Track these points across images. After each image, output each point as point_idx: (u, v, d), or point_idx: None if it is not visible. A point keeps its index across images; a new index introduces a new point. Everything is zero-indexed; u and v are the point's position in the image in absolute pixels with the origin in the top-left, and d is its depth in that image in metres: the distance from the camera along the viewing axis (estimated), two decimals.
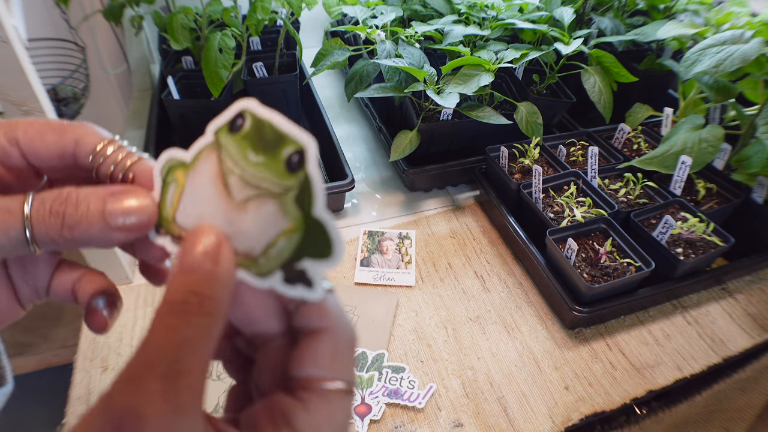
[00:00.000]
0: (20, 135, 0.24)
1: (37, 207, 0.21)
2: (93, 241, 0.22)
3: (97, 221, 0.22)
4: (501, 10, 0.94)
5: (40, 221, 0.21)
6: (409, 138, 0.80)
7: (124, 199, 0.22)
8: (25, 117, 0.58)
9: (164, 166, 0.23)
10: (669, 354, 0.65)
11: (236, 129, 0.22)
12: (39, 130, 0.24)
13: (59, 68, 1.14)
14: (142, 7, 0.97)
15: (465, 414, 0.58)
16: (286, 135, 0.21)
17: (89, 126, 0.25)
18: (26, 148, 0.24)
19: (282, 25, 0.96)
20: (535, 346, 0.65)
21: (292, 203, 0.21)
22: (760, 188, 0.73)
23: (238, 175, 0.21)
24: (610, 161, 0.85)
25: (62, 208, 0.21)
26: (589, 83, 0.85)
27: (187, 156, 0.23)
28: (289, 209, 0.21)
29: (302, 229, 0.21)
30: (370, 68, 0.86)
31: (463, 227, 0.83)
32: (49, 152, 0.24)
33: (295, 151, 0.21)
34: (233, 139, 0.22)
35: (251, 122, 0.21)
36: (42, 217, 0.21)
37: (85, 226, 0.22)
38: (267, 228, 0.21)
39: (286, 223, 0.21)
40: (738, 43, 0.69)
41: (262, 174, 0.21)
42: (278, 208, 0.21)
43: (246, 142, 0.21)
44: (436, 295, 0.71)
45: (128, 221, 0.22)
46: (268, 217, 0.21)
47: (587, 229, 0.70)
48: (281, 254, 0.21)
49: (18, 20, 0.58)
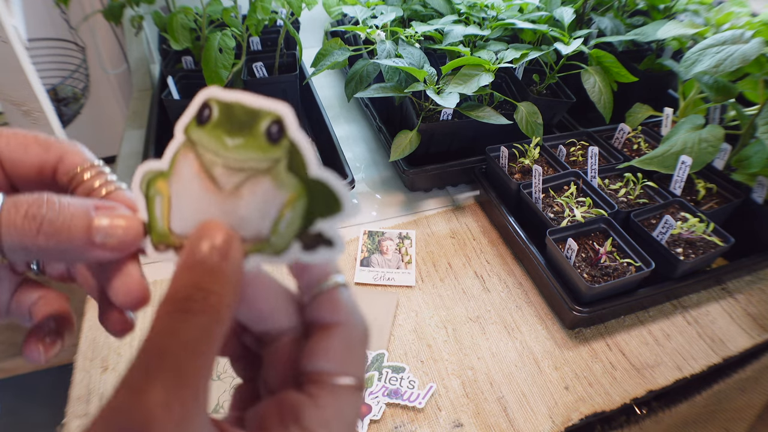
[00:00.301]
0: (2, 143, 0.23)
1: (9, 208, 0.19)
2: (69, 254, 0.20)
3: (81, 233, 0.20)
4: (501, 10, 0.94)
5: (11, 224, 0.19)
6: (409, 138, 0.80)
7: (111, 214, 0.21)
8: (25, 117, 0.58)
9: (142, 180, 0.22)
10: (669, 354, 0.65)
11: (205, 120, 0.21)
12: (23, 141, 0.23)
13: (59, 68, 1.15)
14: (142, 7, 0.97)
15: (465, 414, 0.58)
16: (258, 110, 0.20)
17: (77, 145, 0.24)
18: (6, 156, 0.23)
19: (282, 25, 0.96)
20: (535, 346, 0.65)
21: (285, 173, 0.20)
22: (760, 188, 0.73)
23: (221, 165, 0.20)
24: (610, 161, 0.85)
25: (41, 212, 0.20)
26: (589, 83, 0.85)
27: (162, 164, 0.22)
28: (284, 179, 0.20)
29: (304, 194, 0.20)
30: (370, 68, 0.86)
31: (463, 227, 0.83)
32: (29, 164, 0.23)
33: (272, 122, 0.20)
34: (205, 131, 0.21)
35: (218, 109, 0.21)
36: (13, 220, 0.19)
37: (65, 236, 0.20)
38: (267, 206, 0.20)
39: (286, 194, 0.20)
40: (738, 43, 0.69)
41: (245, 155, 0.20)
42: (272, 183, 0.20)
43: (219, 130, 0.20)
44: (436, 295, 0.71)
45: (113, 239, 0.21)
46: (266, 195, 0.20)
47: (587, 229, 0.70)
48: (292, 225, 0.20)
49: (18, 20, 0.58)
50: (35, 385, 1.16)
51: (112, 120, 1.49)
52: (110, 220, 0.21)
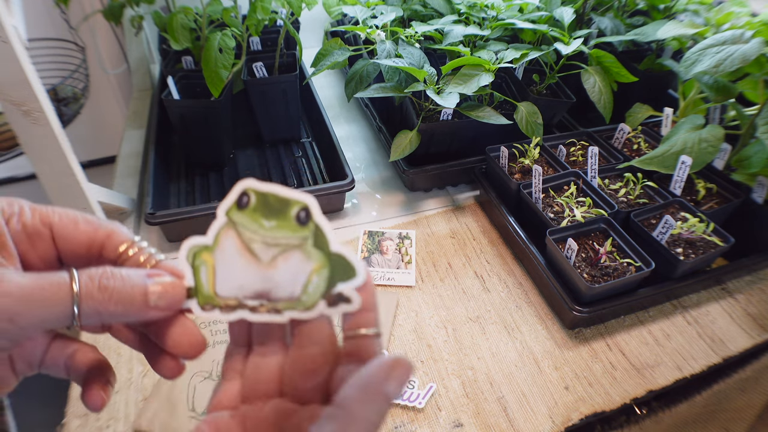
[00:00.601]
0: (55, 219, 0.26)
1: (86, 282, 0.23)
2: (130, 316, 0.25)
3: (140, 298, 0.24)
4: (501, 10, 0.94)
5: (89, 295, 0.23)
6: (409, 138, 0.80)
7: (161, 281, 0.25)
8: (25, 117, 0.58)
9: (188, 253, 0.27)
10: (669, 354, 0.65)
11: (244, 206, 0.26)
12: (74, 219, 0.27)
13: (59, 68, 1.14)
14: (142, 7, 0.97)
15: (465, 414, 0.58)
16: (289, 199, 0.26)
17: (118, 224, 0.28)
18: (58, 232, 0.26)
19: (282, 25, 0.95)
20: (535, 346, 0.65)
21: (311, 248, 0.26)
22: (760, 188, 0.73)
23: (259, 241, 0.26)
24: (610, 161, 0.85)
25: (110, 284, 0.24)
26: (589, 83, 0.85)
27: (207, 240, 0.27)
28: (311, 253, 0.26)
29: (327, 264, 0.26)
30: (370, 68, 0.86)
31: (463, 227, 0.83)
32: (79, 240, 0.26)
33: (300, 209, 0.26)
34: (244, 214, 0.26)
35: (256, 197, 0.26)
36: (91, 292, 0.23)
37: (128, 301, 0.24)
38: (298, 273, 0.26)
39: (313, 264, 0.26)
40: (738, 43, 0.69)
41: (279, 234, 0.26)
42: (302, 255, 0.26)
43: (257, 214, 0.26)
44: (436, 295, 0.71)
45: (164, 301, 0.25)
46: (297, 265, 0.26)
47: (587, 229, 0.70)
48: (318, 288, 0.26)
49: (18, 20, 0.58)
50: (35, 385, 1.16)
51: (112, 120, 1.48)
52: (161, 285, 0.25)
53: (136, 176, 0.92)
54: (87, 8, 1.18)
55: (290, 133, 1.01)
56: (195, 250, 0.27)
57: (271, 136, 1.00)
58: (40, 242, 0.26)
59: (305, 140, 1.02)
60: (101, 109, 1.44)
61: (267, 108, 0.95)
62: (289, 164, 0.96)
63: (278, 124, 0.98)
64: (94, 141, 1.50)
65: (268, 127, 0.98)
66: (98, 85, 1.34)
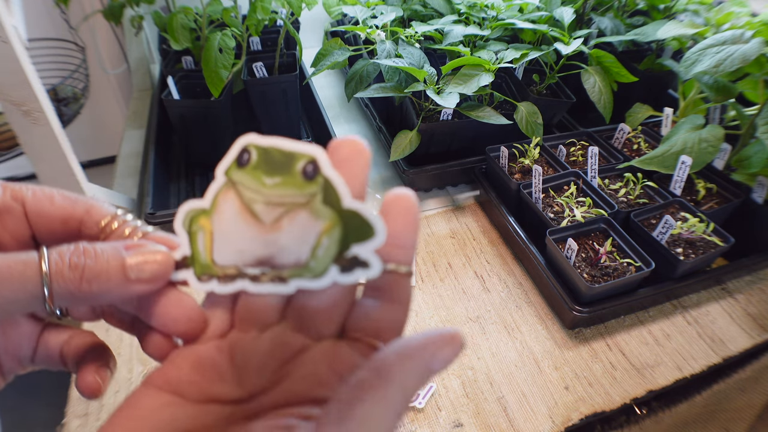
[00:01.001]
0: (28, 194, 0.24)
1: (56, 260, 0.21)
2: (110, 295, 0.22)
3: (116, 273, 0.22)
4: (501, 10, 0.94)
5: (60, 274, 0.21)
6: (409, 138, 0.80)
7: (141, 251, 0.22)
8: (25, 117, 0.58)
9: (185, 218, 0.24)
10: (669, 354, 0.65)
11: (244, 163, 0.23)
12: (49, 194, 0.24)
13: (59, 68, 1.15)
14: (142, 7, 0.97)
15: (465, 414, 0.58)
16: (294, 152, 0.23)
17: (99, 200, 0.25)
18: (31, 207, 0.24)
19: (282, 25, 0.95)
20: (535, 346, 0.65)
21: (320, 205, 0.22)
22: (760, 188, 0.73)
23: (261, 201, 0.23)
24: (610, 161, 0.85)
25: (81, 261, 0.21)
26: (589, 83, 0.85)
27: (204, 203, 0.24)
28: (321, 211, 0.22)
29: (339, 223, 0.22)
30: (370, 68, 0.86)
31: (463, 227, 0.83)
32: (55, 216, 0.24)
33: (307, 162, 0.22)
34: (245, 173, 0.23)
35: (257, 153, 0.23)
36: (61, 270, 0.21)
37: (104, 279, 0.21)
38: (305, 235, 0.23)
39: (322, 224, 0.22)
40: (738, 43, 0.69)
41: (284, 191, 0.23)
42: (309, 214, 0.23)
43: (258, 171, 0.23)
44: (436, 295, 0.71)
45: (146, 273, 0.22)
46: (304, 225, 0.23)
47: (587, 229, 0.70)
48: (329, 251, 0.22)
49: (18, 20, 0.58)
50: (35, 384, 1.16)
51: (112, 120, 1.49)
52: (140, 256, 0.22)
53: (136, 176, 0.92)
54: (87, 8, 1.18)
55: (290, 133, 1.01)
56: (192, 215, 0.24)
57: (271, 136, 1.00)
58: (10, 219, 0.23)
59: (305, 140, 1.02)
60: (101, 109, 1.44)
61: (267, 108, 0.95)
62: None
63: (278, 124, 0.98)
64: (94, 141, 1.50)
65: (268, 127, 0.98)
66: (98, 85, 1.34)
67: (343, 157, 0.23)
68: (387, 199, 0.23)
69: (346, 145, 0.23)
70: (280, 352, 0.23)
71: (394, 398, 0.19)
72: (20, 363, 0.26)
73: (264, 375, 0.23)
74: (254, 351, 0.23)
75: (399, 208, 0.23)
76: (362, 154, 0.23)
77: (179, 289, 0.24)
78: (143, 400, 0.22)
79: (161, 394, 0.22)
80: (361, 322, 0.23)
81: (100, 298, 0.22)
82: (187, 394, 0.22)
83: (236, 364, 0.23)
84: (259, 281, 0.23)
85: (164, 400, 0.22)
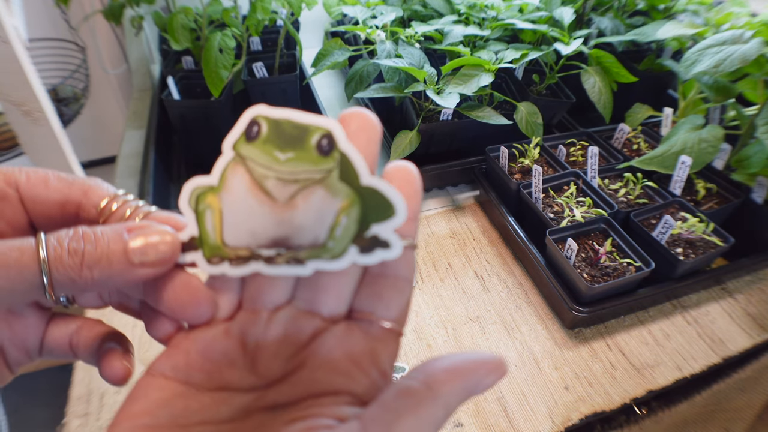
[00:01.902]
0: (22, 179, 0.23)
1: (54, 246, 0.20)
2: (113, 280, 0.21)
3: (119, 258, 0.20)
4: (501, 11, 0.94)
5: (59, 261, 0.19)
6: (409, 138, 0.80)
7: (144, 233, 0.21)
8: (25, 117, 0.58)
9: (191, 196, 0.22)
10: (669, 354, 0.65)
11: (254, 137, 0.22)
12: (43, 177, 0.23)
13: (59, 68, 1.15)
14: (143, 7, 0.97)
15: (465, 414, 0.58)
16: (308, 125, 0.21)
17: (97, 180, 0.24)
18: (26, 192, 0.23)
19: (282, 25, 0.96)
20: (534, 346, 0.65)
21: (337, 182, 0.21)
22: (760, 188, 0.73)
23: (273, 177, 0.21)
24: (610, 161, 0.85)
25: (80, 246, 0.20)
26: (588, 83, 0.85)
27: (212, 179, 0.22)
28: (338, 188, 0.21)
29: (358, 201, 0.21)
30: (370, 68, 0.86)
31: (463, 227, 0.83)
32: (50, 200, 0.23)
33: (322, 136, 0.21)
34: (255, 147, 0.22)
35: (267, 126, 0.22)
36: (60, 257, 0.20)
37: (105, 264, 0.20)
38: (322, 213, 0.21)
39: (340, 202, 0.21)
40: (738, 43, 0.69)
41: (298, 167, 0.21)
42: (326, 192, 0.21)
43: (269, 145, 0.21)
44: (435, 295, 0.71)
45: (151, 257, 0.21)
46: (320, 203, 0.21)
47: (587, 229, 0.70)
48: (348, 230, 0.21)
49: (18, 20, 0.58)
50: (36, 384, 1.16)
51: (112, 120, 1.49)
52: (144, 238, 0.21)
53: (136, 176, 0.92)
54: (87, 8, 1.18)
55: None
56: (198, 192, 0.22)
57: None
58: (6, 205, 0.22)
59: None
60: (101, 109, 1.44)
61: None
62: None
63: None
64: (94, 141, 1.50)
65: None
66: (98, 85, 1.34)
67: (353, 131, 0.22)
68: (388, 171, 0.22)
69: (356, 117, 0.22)
70: (294, 338, 0.22)
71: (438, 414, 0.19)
72: (28, 354, 0.25)
73: (278, 362, 0.22)
74: (266, 336, 0.22)
75: (401, 181, 0.22)
76: (373, 127, 0.22)
77: (187, 271, 0.23)
78: (151, 392, 0.21)
79: (169, 383, 0.21)
80: (369, 299, 0.22)
81: (102, 284, 0.21)
82: (197, 382, 0.21)
83: (247, 349, 0.22)
84: (275, 263, 0.22)
85: (174, 390, 0.21)
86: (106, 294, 0.25)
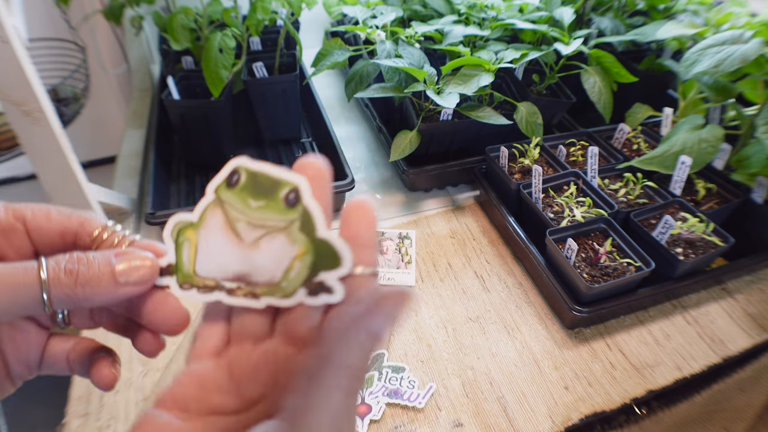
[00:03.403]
0: (28, 214, 0.27)
1: (53, 266, 0.24)
2: (102, 297, 0.25)
3: (107, 278, 0.24)
4: (501, 11, 0.94)
5: (56, 279, 0.24)
6: (409, 138, 0.80)
7: (128, 258, 0.25)
8: (25, 117, 0.58)
9: (173, 229, 0.26)
10: (669, 354, 0.65)
11: (233, 184, 0.25)
12: (46, 211, 0.27)
13: (59, 68, 1.15)
14: (143, 7, 0.97)
15: (465, 414, 0.58)
16: (279, 179, 0.25)
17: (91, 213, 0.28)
18: (32, 225, 0.26)
19: (282, 25, 0.96)
20: (534, 346, 0.65)
21: (297, 232, 0.25)
22: (760, 188, 0.73)
23: (244, 221, 0.25)
24: (609, 161, 0.85)
25: (75, 267, 0.24)
26: (588, 83, 0.85)
27: (193, 217, 0.26)
28: (296, 237, 0.25)
29: (312, 250, 0.24)
30: (370, 68, 0.86)
31: (463, 227, 0.83)
32: (52, 230, 0.27)
33: (290, 190, 0.24)
34: (233, 193, 0.25)
35: (246, 176, 0.25)
36: (58, 276, 0.24)
37: (96, 283, 0.24)
38: (281, 257, 0.25)
39: (297, 249, 0.25)
40: (738, 43, 0.69)
41: (266, 215, 0.25)
42: (286, 239, 0.25)
43: (245, 193, 0.25)
44: (436, 295, 0.71)
45: (133, 277, 0.25)
46: (280, 248, 0.25)
47: (587, 229, 0.70)
48: (300, 274, 0.24)
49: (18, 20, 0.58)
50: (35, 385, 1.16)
51: (112, 120, 1.49)
52: (128, 262, 0.25)
53: (136, 176, 0.92)
54: (87, 8, 1.18)
55: (290, 133, 1.01)
56: (180, 227, 0.26)
57: (271, 136, 1.00)
58: (14, 237, 0.26)
59: (305, 140, 1.02)
60: (101, 109, 1.44)
61: (267, 108, 0.95)
62: (289, 164, 0.96)
63: (278, 124, 0.98)
64: (94, 141, 1.50)
65: (268, 127, 0.98)
66: (98, 85, 1.34)
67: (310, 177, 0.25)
68: (348, 206, 0.25)
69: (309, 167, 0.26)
70: (272, 363, 0.25)
71: (339, 380, 0.20)
72: (29, 369, 0.28)
73: (257, 384, 0.25)
74: (248, 361, 0.25)
75: (359, 212, 0.25)
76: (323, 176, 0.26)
77: (165, 291, 0.27)
78: (154, 420, 0.24)
79: (170, 412, 0.24)
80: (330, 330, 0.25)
81: (93, 300, 0.24)
82: (192, 408, 0.24)
83: (234, 376, 0.25)
84: (234, 294, 0.25)
85: (172, 417, 0.24)
86: (97, 315, 0.29)
